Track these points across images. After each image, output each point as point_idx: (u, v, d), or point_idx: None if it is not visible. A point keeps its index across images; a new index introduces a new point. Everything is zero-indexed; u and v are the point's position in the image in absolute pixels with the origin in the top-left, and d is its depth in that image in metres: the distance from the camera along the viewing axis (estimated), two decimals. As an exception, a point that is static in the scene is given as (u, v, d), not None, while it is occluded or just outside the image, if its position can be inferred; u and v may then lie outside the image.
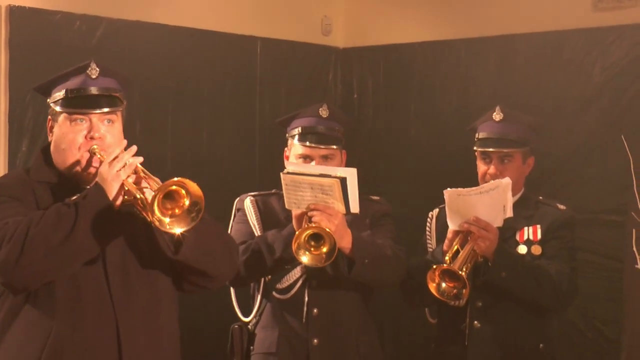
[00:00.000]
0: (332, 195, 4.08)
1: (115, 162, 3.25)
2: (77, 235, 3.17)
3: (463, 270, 3.98)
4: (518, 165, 4.30)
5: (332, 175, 4.08)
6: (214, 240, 3.36)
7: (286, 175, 4.14)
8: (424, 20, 7.23)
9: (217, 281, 3.48)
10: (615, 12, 6.57)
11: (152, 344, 3.37)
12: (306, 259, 4.08)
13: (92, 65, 3.47)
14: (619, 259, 6.24)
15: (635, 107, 6.44)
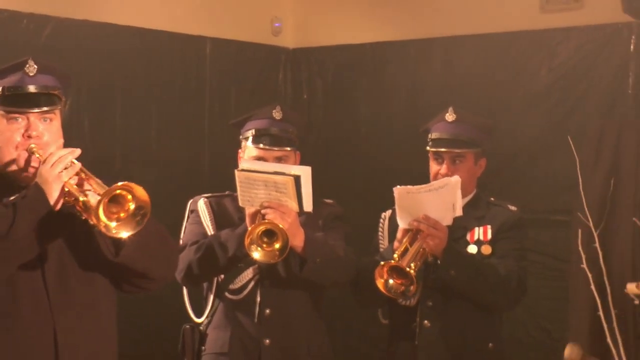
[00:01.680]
0: (285, 193, 4.08)
1: (57, 163, 3.18)
2: (15, 237, 3.11)
3: (411, 267, 3.99)
4: (470, 166, 4.32)
5: (286, 173, 4.09)
6: (154, 242, 3.31)
7: (240, 173, 4.14)
8: (373, 21, 7.26)
9: (157, 283, 3.43)
10: (562, 14, 6.65)
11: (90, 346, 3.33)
12: (258, 255, 4.08)
13: (29, 63, 3.38)
14: (565, 258, 6.32)
15: (582, 107, 6.52)
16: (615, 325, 5.86)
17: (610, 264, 5.99)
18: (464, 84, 6.76)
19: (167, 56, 6.61)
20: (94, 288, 3.34)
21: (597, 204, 6.05)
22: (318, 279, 4.27)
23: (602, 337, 5.90)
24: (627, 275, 5.90)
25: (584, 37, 6.52)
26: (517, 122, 6.59)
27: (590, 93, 6.49)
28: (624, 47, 6.39)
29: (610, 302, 5.91)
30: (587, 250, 5.99)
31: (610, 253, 6.01)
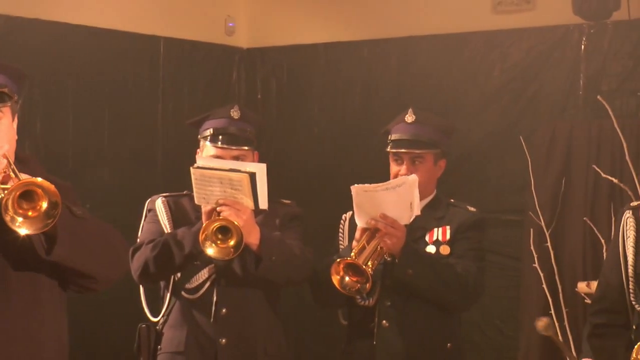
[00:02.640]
0: (241, 191, 4.08)
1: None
2: None
3: (367, 265, 3.99)
4: (429, 166, 4.33)
5: (241, 170, 4.09)
6: (94, 241, 3.23)
7: (196, 170, 4.14)
8: (328, 21, 7.28)
9: (101, 283, 3.35)
10: (514, 15, 6.71)
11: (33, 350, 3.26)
12: (212, 251, 4.07)
13: None
14: (517, 257, 6.38)
15: (533, 108, 6.58)
16: (566, 323, 5.93)
17: (562, 263, 6.07)
18: (417, 85, 6.80)
19: (120, 55, 6.58)
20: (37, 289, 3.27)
21: (549, 204, 6.12)
22: (273, 277, 4.26)
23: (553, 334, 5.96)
24: (578, 274, 5.97)
25: (536, 39, 6.59)
26: (471, 123, 6.64)
27: (542, 94, 6.56)
28: (575, 49, 6.47)
29: (561, 301, 5.99)
30: (539, 249, 6.06)
31: (561, 252, 6.09)
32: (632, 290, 3.56)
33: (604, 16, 6.19)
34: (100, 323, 6.16)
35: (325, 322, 5.30)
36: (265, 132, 6.69)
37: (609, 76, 6.39)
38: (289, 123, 7.29)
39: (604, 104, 5.98)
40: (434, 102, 6.53)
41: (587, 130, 6.09)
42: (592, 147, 6.06)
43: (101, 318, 6.11)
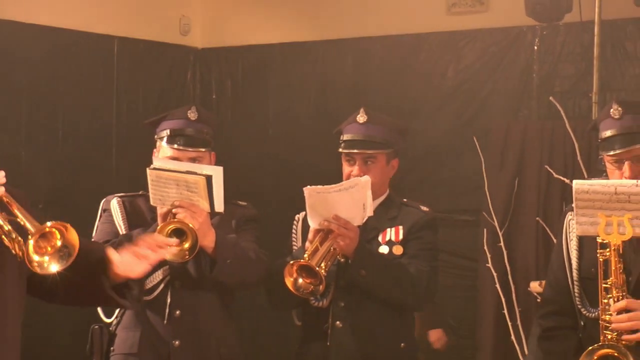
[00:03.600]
0: (197, 193, 4.06)
1: None
2: None
3: (321, 267, 3.99)
4: (382, 166, 4.33)
5: (197, 173, 4.07)
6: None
7: (152, 171, 4.12)
8: (283, 21, 7.28)
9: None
10: (468, 17, 6.76)
11: None
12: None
13: None
14: (472, 257, 6.42)
15: (487, 109, 6.64)
16: (519, 322, 5.98)
17: (515, 263, 6.12)
18: (372, 85, 6.82)
19: (74, 55, 6.54)
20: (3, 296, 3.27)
21: (502, 204, 6.17)
22: (228, 280, 4.25)
23: (506, 334, 6.02)
24: (530, 274, 6.02)
25: (490, 40, 6.64)
26: (426, 123, 6.68)
27: (496, 95, 6.62)
28: (528, 50, 6.53)
29: (514, 300, 6.04)
30: (492, 249, 6.11)
31: (514, 252, 6.14)
32: (577, 294, 3.59)
33: (556, 18, 6.25)
34: (52, 324, 6.12)
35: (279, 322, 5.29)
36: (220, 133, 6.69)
37: (561, 77, 6.46)
38: (244, 123, 7.28)
39: (556, 105, 6.03)
40: (389, 102, 6.55)
41: (540, 131, 6.15)
42: (545, 147, 6.12)
43: (53, 319, 6.07)
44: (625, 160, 3.49)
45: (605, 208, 3.36)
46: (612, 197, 3.35)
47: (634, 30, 6.28)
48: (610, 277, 3.37)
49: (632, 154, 3.49)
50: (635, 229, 3.32)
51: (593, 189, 3.39)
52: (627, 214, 3.33)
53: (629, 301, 3.35)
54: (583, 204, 3.39)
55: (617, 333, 3.35)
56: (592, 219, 3.38)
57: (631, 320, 3.32)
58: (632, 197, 3.32)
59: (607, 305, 3.37)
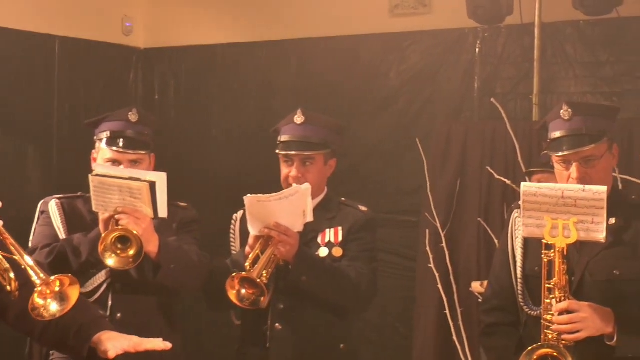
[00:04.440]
0: (140, 199, 4.04)
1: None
2: None
3: (262, 277, 3.99)
4: (320, 167, 4.33)
5: (141, 179, 4.05)
6: None
7: (94, 177, 4.08)
8: (226, 22, 7.27)
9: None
10: (410, 19, 6.79)
11: None
12: (112, 262, 4.03)
13: None
14: (414, 258, 6.45)
15: (429, 110, 6.68)
16: (460, 322, 6.02)
17: (456, 264, 6.16)
18: (316, 86, 6.83)
19: (14, 55, 6.47)
20: None
21: (444, 205, 6.21)
22: (172, 284, 4.23)
23: (448, 334, 6.06)
24: (472, 274, 6.06)
25: (432, 41, 6.68)
26: (369, 124, 6.70)
27: (438, 96, 6.66)
28: (470, 52, 6.58)
29: (456, 301, 6.08)
30: (435, 250, 6.14)
31: (456, 253, 6.17)
32: (520, 292, 3.63)
33: (498, 20, 6.31)
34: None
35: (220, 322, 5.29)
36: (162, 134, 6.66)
37: (502, 79, 6.52)
38: (187, 124, 7.26)
39: (497, 107, 6.08)
40: (332, 103, 6.57)
41: (481, 133, 6.19)
42: (486, 149, 6.16)
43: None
44: (574, 161, 3.53)
45: (552, 211, 3.39)
46: (559, 200, 3.38)
47: (573, 32, 6.35)
48: (554, 278, 3.40)
49: (580, 156, 3.52)
50: (580, 232, 3.36)
51: (541, 192, 3.42)
52: (573, 218, 3.37)
53: (571, 302, 3.38)
54: (530, 206, 3.43)
55: (558, 333, 3.39)
56: (538, 222, 3.42)
57: (572, 322, 3.36)
58: (579, 202, 3.36)
59: (550, 306, 3.41)
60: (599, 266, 3.50)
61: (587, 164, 3.53)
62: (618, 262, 3.50)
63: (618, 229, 3.54)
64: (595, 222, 3.35)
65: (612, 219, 3.53)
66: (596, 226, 3.36)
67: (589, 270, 3.51)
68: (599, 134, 3.54)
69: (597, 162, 3.54)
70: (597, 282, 3.49)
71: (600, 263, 3.50)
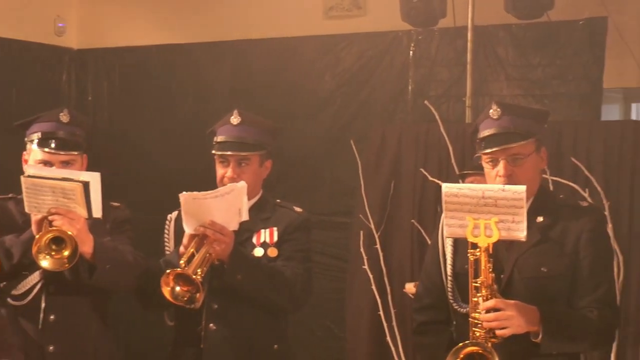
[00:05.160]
0: (74, 200, 4.01)
1: None
2: None
3: (197, 274, 3.98)
4: (255, 168, 4.35)
5: (74, 180, 4.02)
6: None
7: (27, 179, 4.04)
8: (160, 23, 7.24)
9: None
10: (345, 21, 6.82)
11: None
12: (47, 263, 4.00)
13: None
14: (348, 259, 6.47)
15: (364, 112, 6.72)
16: (394, 323, 6.06)
17: (390, 265, 6.19)
18: (251, 88, 6.84)
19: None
20: None
21: (378, 207, 6.24)
22: (107, 285, 4.21)
23: (381, 335, 6.09)
24: (406, 275, 6.10)
25: (366, 44, 6.72)
26: (304, 126, 6.72)
27: (372, 98, 6.70)
28: (404, 54, 6.64)
29: (390, 302, 6.11)
30: (369, 251, 6.17)
31: (390, 254, 6.21)
32: (450, 289, 3.67)
33: (431, 23, 6.37)
34: None
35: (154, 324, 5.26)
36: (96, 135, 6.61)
37: (436, 82, 6.58)
38: (121, 125, 7.22)
39: (431, 109, 6.13)
40: (267, 105, 6.57)
41: (415, 135, 6.23)
42: (420, 151, 6.20)
43: None
44: (501, 159, 3.58)
45: (474, 211, 3.44)
46: (480, 200, 3.43)
47: (505, 35, 6.43)
48: (480, 276, 3.45)
49: (507, 153, 3.57)
50: (502, 232, 3.41)
51: (462, 192, 3.47)
52: (494, 218, 3.42)
53: (497, 300, 3.43)
54: (452, 206, 3.47)
55: (485, 331, 3.44)
56: (460, 222, 3.46)
57: (498, 319, 3.41)
58: (499, 202, 3.41)
59: (477, 304, 3.46)
60: (526, 263, 3.56)
61: (514, 163, 3.59)
62: (545, 259, 3.56)
63: (545, 226, 3.60)
64: (515, 221, 3.41)
65: (540, 217, 3.61)
66: (517, 225, 3.41)
67: (517, 268, 3.56)
68: (527, 134, 3.61)
69: (523, 160, 3.60)
70: (524, 279, 3.55)
71: (528, 260, 3.56)
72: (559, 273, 3.55)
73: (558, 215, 3.62)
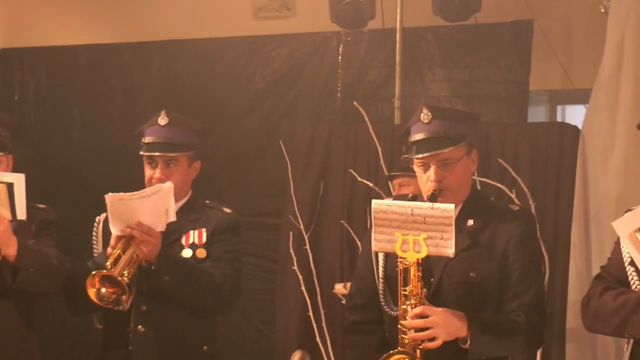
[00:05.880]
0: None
1: None
2: None
3: (124, 275, 3.95)
4: (184, 169, 4.32)
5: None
6: None
7: (-53, 181, 3.98)
8: (88, 22, 7.17)
9: None
10: (275, 22, 6.83)
11: None
12: None
13: None
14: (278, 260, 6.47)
15: (293, 113, 6.72)
16: (324, 324, 6.07)
17: (320, 266, 6.19)
18: (181, 89, 6.81)
19: None
20: None
21: (308, 208, 6.24)
22: (31, 288, 4.15)
23: (311, 336, 6.10)
24: (335, 276, 6.11)
25: (296, 45, 6.73)
26: (234, 127, 6.70)
27: (302, 99, 6.71)
28: (333, 55, 6.66)
29: (319, 303, 6.12)
30: (298, 252, 6.17)
31: (319, 255, 6.21)
32: (382, 291, 3.69)
33: (360, 24, 6.40)
34: None
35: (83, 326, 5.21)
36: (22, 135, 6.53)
37: (365, 83, 6.61)
38: (48, 125, 7.13)
39: (360, 110, 6.15)
40: (197, 106, 6.55)
41: (344, 135, 6.24)
42: (349, 151, 6.21)
43: None
44: (432, 164, 3.59)
45: (403, 227, 3.46)
46: (409, 217, 3.45)
47: (433, 37, 6.48)
48: (409, 285, 3.47)
49: (438, 158, 3.59)
50: (430, 248, 3.44)
51: (391, 209, 3.49)
52: (423, 234, 3.44)
53: (425, 308, 3.46)
54: (381, 222, 3.50)
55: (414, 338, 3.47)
56: (389, 237, 3.48)
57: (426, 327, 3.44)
58: (428, 219, 3.44)
59: (405, 312, 3.48)
60: (455, 268, 3.58)
61: (445, 167, 3.61)
62: (474, 264, 3.58)
63: (475, 230, 3.63)
64: (444, 238, 3.43)
65: (470, 220, 3.64)
66: (445, 242, 3.43)
67: (446, 273, 3.58)
68: (458, 138, 3.62)
69: (454, 165, 3.62)
70: (453, 284, 3.58)
71: (457, 265, 3.58)
72: (487, 278, 3.58)
73: (489, 218, 3.65)
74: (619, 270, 3.47)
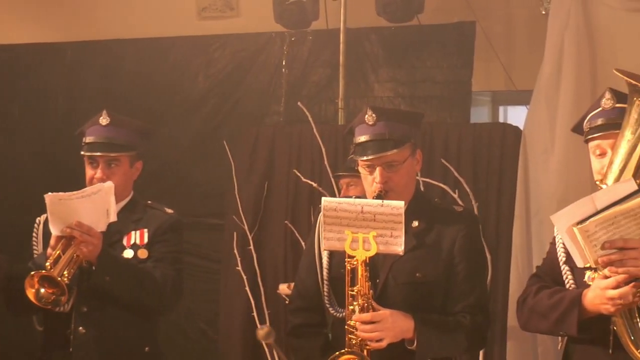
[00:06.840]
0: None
1: None
2: None
3: (64, 276, 3.92)
4: (125, 169, 4.30)
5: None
6: None
7: None
8: (28, 21, 7.11)
9: None
10: (219, 21, 6.82)
11: None
12: None
13: None
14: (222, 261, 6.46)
15: (237, 113, 6.71)
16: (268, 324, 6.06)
17: (264, 266, 6.19)
18: (123, 88, 6.77)
19: None
20: None
21: (252, 208, 6.23)
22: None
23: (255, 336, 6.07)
24: (279, 276, 6.11)
25: (240, 45, 6.72)
26: (177, 127, 6.68)
27: (246, 99, 6.70)
28: (277, 56, 6.66)
29: (263, 303, 6.11)
30: (242, 252, 6.16)
31: (263, 255, 6.21)
32: (326, 293, 3.69)
33: (304, 25, 6.41)
34: None
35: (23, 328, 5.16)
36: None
37: (308, 83, 6.62)
38: (-13, 126, 7.06)
39: (304, 110, 6.15)
40: (139, 106, 6.51)
41: (288, 136, 6.24)
42: (293, 152, 6.21)
43: None
44: (377, 165, 3.61)
45: (352, 225, 3.47)
46: (359, 215, 3.47)
47: (377, 38, 6.50)
48: (357, 284, 3.48)
49: (383, 160, 3.61)
50: (380, 245, 3.45)
51: (341, 207, 3.50)
52: (373, 232, 3.45)
53: (373, 314, 3.46)
54: (331, 220, 3.50)
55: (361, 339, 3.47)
56: (339, 235, 3.49)
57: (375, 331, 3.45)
58: (377, 217, 3.45)
59: (352, 312, 3.49)
60: (401, 269, 3.60)
61: (390, 169, 3.62)
62: (420, 265, 3.60)
63: (421, 231, 3.65)
64: (393, 236, 3.45)
65: (415, 221, 3.66)
66: (395, 239, 3.45)
67: (392, 273, 3.60)
68: (402, 139, 3.64)
69: (400, 166, 3.63)
70: (399, 285, 3.59)
71: (403, 265, 3.59)
72: (433, 278, 3.61)
73: (433, 219, 3.68)
74: (554, 270, 3.51)
